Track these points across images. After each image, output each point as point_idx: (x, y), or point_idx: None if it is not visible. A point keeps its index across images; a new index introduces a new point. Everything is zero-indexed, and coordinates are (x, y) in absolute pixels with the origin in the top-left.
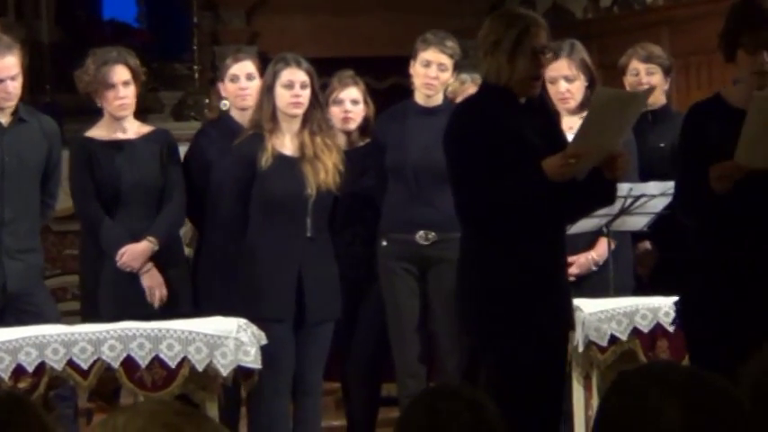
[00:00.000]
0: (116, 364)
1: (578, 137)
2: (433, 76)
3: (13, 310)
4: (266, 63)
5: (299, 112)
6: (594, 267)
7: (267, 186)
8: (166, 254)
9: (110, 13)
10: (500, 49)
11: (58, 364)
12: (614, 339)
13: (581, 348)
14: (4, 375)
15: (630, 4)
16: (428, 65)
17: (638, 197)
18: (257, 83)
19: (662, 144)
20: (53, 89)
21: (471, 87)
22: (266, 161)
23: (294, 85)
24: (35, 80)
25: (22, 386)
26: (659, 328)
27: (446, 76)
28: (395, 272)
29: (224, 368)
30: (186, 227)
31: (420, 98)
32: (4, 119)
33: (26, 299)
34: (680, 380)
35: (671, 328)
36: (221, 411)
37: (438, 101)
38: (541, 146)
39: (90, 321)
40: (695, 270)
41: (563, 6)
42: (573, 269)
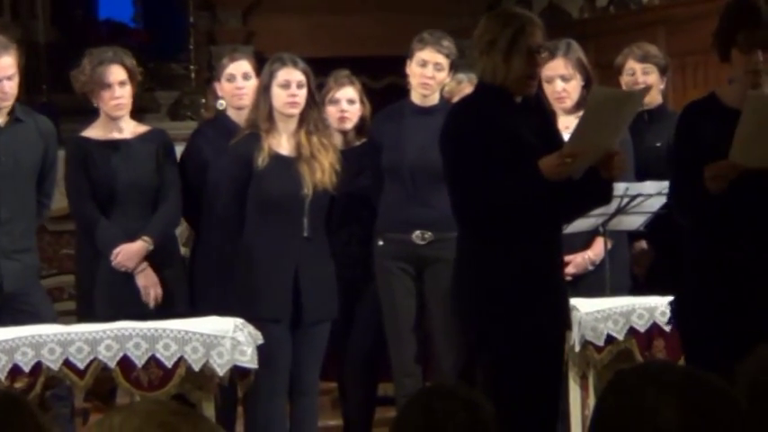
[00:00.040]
0: (112, 364)
1: (574, 136)
2: (430, 75)
3: (10, 310)
4: (262, 63)
5: (295, 111)
6: (591, 267)
7: (264, 186)
8: (162, 253)
9: (106, 12)
10: (496, 49)
11: (54, 363)
12: (611, 339)
13: (577, 348)
14: (1, 375)
15: (627, 4)
16: (424, 64)
17: (634, 197)
18: (253, 82)
19: (658, 144)
20: (49, 89)
21: (468, 87)
22: (263, 161)
23: (290, 85)
24: (31, 80)
25: (18, 386)
26: (656, 328)
27: (442, 76)
28: (391, 272)
29: (220, 368)
30: (182, 226)
31: (416, 98)
32: (1, 119)
33: (22, 299)
34: (676, 379)
35: (667, 328)
36: (218, 411)
37: (434, 101)
38: (538, 145)
39: (85, 321)
40: (690, 269)
41: (559, 6)
42: (569, 269)
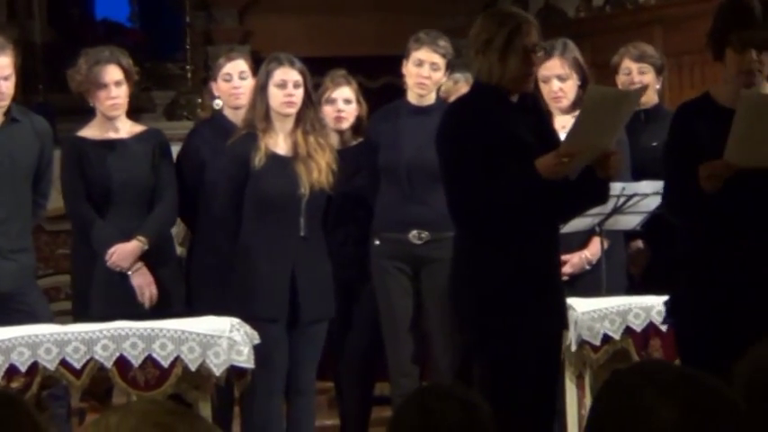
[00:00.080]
0: (109, 364)
1: (571, 135)
2: (426, 75)
3: (6, 310)
4: (259, 62)
5: (291, 111)
6: (587, 266)
7: (260, 186)
8: (157, 253)
9: (102, 12)
10: (491, 48)
11: (50, 363)
12: (607, 338)
13: (574, 347)
14: None
15: (623, 3)
16: (421, 64)
17: (630, 196)
18: (250, 82)
19: (654, 143)
20: (46, 89)
21: (464, 87)
22: (259, 161)
23: (287, 85)
24: (28, 80)
25: (14, 386)
26: (652, 328)
27: (439, 76)
28: (388, 271)
29: (217, 368)
30: (179, 226)
31: (413, 98)
32: None
33: (19, 299)
34: (673, 379)
35: (664, 328)
36: (214, 411)
37: (431, 100)
38: (534, 145)
39: (82, 321)
40: (684, 269)
41: (555, 5)
42: (566, 268)
